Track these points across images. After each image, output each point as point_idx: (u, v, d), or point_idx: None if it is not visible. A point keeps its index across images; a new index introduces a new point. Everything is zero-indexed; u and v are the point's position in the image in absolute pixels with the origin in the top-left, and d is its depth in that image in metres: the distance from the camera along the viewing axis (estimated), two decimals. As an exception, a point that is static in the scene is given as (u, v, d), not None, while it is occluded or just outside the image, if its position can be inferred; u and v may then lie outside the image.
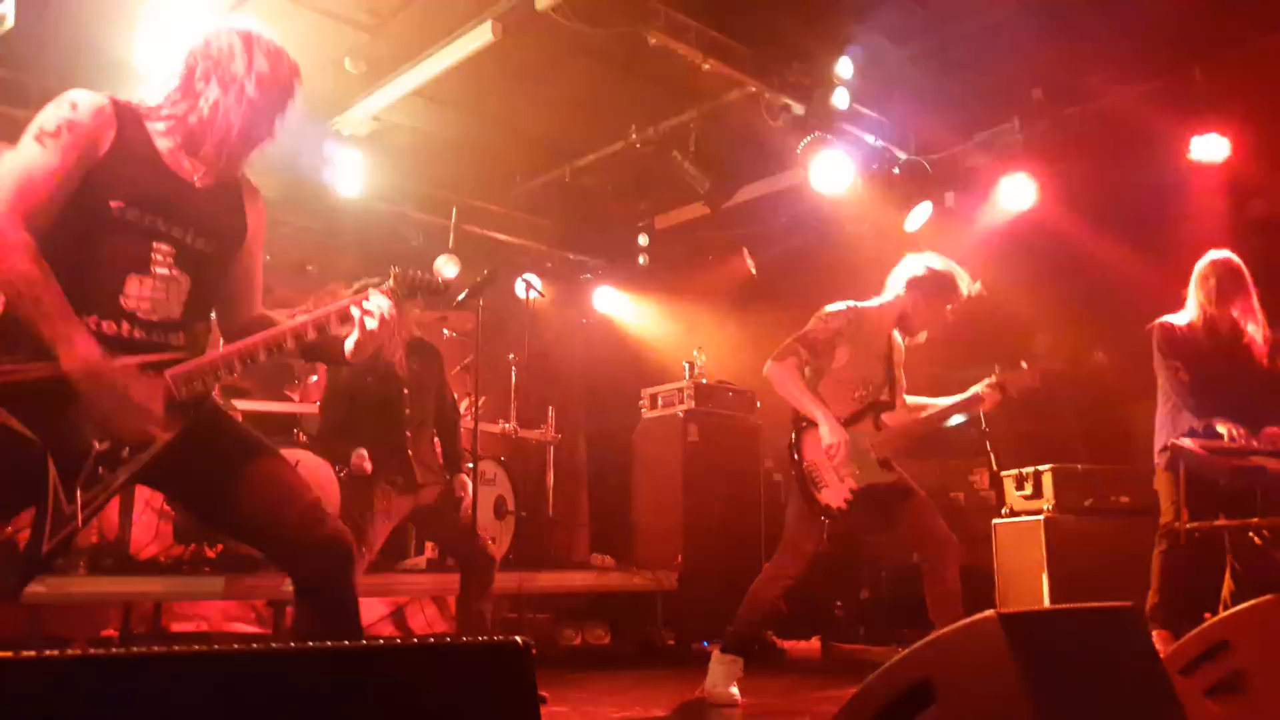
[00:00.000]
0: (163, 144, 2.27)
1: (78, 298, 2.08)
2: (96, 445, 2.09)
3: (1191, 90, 5.31)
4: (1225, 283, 4.18)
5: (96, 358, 2.05)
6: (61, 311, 2.03)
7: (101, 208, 2.14)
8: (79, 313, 2.08)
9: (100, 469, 2.10)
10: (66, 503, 2.04)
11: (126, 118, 2.22)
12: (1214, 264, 4.24)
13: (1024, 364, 4.12)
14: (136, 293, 2.19)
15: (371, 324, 2.33)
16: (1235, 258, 4.23)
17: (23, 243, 2.02)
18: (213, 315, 2.47)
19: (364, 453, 4.19)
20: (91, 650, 1.00)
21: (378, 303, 2.34)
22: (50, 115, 2.12)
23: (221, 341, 2.43)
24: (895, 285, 4.16)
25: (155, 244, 2.22)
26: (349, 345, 2.37)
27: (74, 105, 2.14)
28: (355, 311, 2.33)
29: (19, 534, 2.12)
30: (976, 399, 4.06)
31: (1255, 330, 4.15)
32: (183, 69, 2.28)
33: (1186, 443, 3.91)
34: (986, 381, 4.09)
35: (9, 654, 0.96)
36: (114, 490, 2.17)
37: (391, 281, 2.45)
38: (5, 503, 2.09)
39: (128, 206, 2.16)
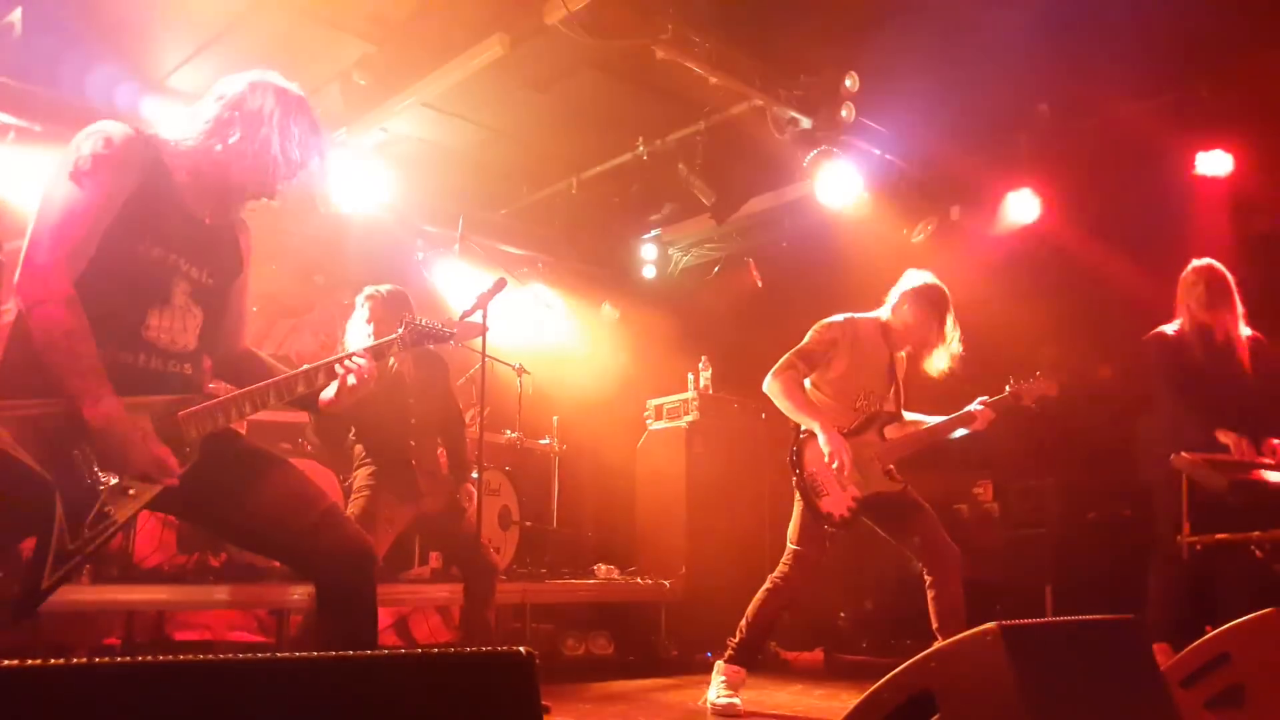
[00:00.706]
0: (180, 179, 2.30)
1: (101, 328, 2.11)
2: (104, 484, 2.11)
3: (1197, 106, 5.33)
4: (1213, 289, 4.19)
5: (119, 416, 2.08)
6: (93, 369, 2.06)
7: (130, 248, 2.18)
8: (101, 343, 2.10)
9: (107, 508, 2.13)
10: (70, 539, 2.06)
11: (151, 153, 2.24)
12: (1199, 270, 4.25)
13: (1038, 374, 4.12)
14: (158, 324, 2.24)
15: (352, 381, 2.42)
16: (1219, 265, 4.25)
17: (66, 295, 2.05)
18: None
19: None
20: (94, 659, 1.00)
21: (358, 362, 2.43)
22: (86, 152, 2.12)
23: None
24: (891, 298, 4.18)
25: (175, 280, 2.28)
26: (326, 395, 2.46)
27: (109, 141, 2.14)
28: (339, 369, 2.42)
29: (19, 545, 2.14)
30: (969, 417, 4.07)
31: (1243, 336, 4.16)
32: (216, 112, 2.30)
33: (1188, 455, 3.91)
34: (980, 400, 4.10)
35: (12, 663, 0.96)
36: (119, 527, 2.19)
37: (402, 330, 2.55)
38: (12, 534, 2.12)
39: (152, 245, 2.21)
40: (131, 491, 2.16)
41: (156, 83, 5.53)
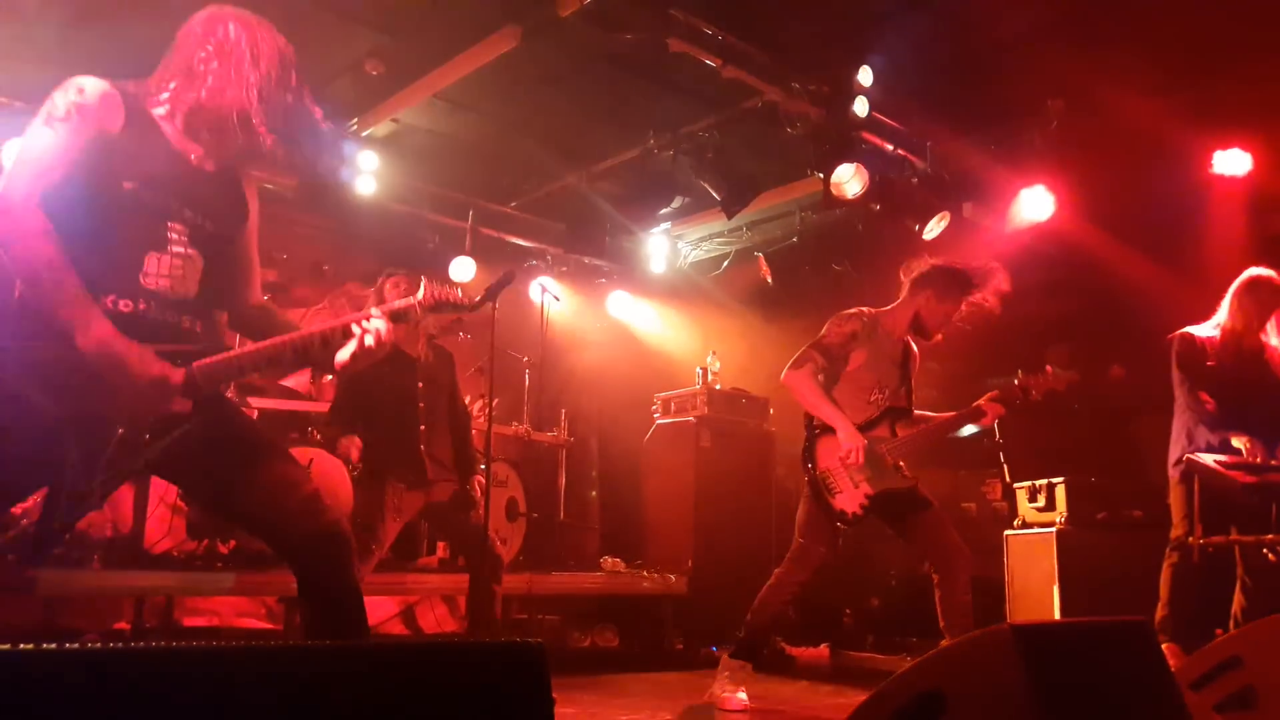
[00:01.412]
0: (167, 127, 2.29)
1: (97, 276, 2.10)
2: (120, 429, 2.10)
3: (1215, 103, 5.28)
4: (1268, 300, 4.15)
5: (112, 338, 2.06)
6: (80, 296, 2.04)
7: (115, 189, 2.15)
8: (98, 291, 2.09)
9: (120, 452, 2.12)
10: (83, 481, 2.06)
11: (132, 101, 2.23)
12: (1261, 280, 4.20)
13: (1049, 367, 4.10)
14: (155, 270, 2.21)
15: (370, 341, 2.37)
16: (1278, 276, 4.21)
17: (42, 227, 2.04)
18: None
19: (356, 440, 4.22)
20: (104, 644, 1.01)
21: (377, 324, 2.38)
22: (58, 100, 2.13)
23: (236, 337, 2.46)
24: (906, 288, 4.16)
25: (170, 223, 2.24)
26: (342, 356, 2.40)
27: (80, 90, 2.15)
28: (356, 329, 2.37)
29: (31, 523, 2.14)
30: (977, 412, 4.05)
31: (1275, 345, 4.13)
32: (183, 51, 2.29)
33: (1202, 457, 3.89)
34: (987, 396, 4.08)
35: (25, 646, 0.97)
36: (129, 473, 2.18)
37: (421, 294, 2.50)
38: (24, 475, 2.11)
39: (141, 187, 2.18)
40: (146, 437, 2.15)
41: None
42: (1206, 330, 4.26)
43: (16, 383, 2.00)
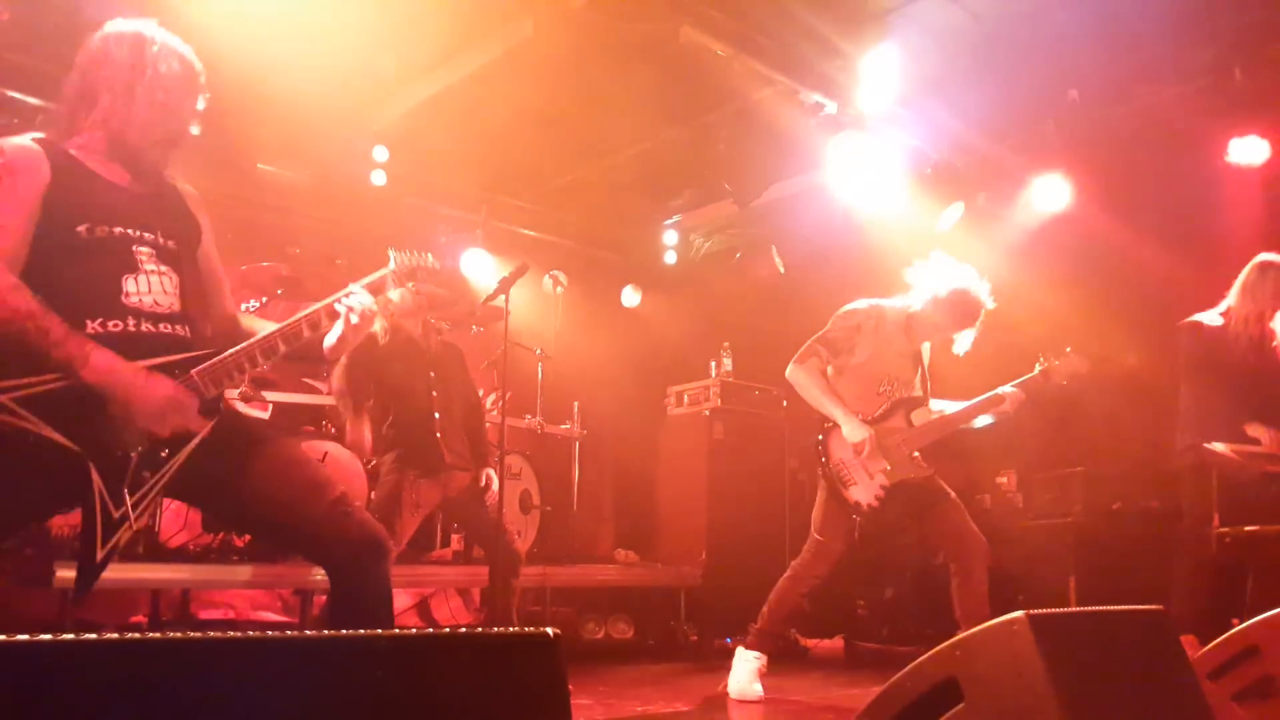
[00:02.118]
0: (91, 162, 2.29)
1: (80, 308, 2.12)
2: (137, 449, 2.12)
3: (1231, 91, 5.23)
4: (1277, 286, 4.12)
5: (116, 363, 2.09)
6: (69, 334, 2.07)
7: (70, 235, 2.18)
8: (83, 319, 2.12)
9: (144, 472, 2.14)
10: (115, 508, 2.08)
11: (52, 149, 2.25)
12: (1270, 266, 4.16)
13: (1069, 351, 4.08)
14: (135, 289, 2.23)
15: (355, 320, 2.38)
16: None
17: (11, 283, 2.06)
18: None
19: (363, 429, 4.23)
20: (122, 634, 1.01)
21: (360, 299, 2.39)
22: None
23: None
24: (919, 289, 4.13)
25: (134, 248, 2.26)
26: (330, 340, 2.42)
27: (1, 151, 2.17)
28: (340, 308, 2.38)
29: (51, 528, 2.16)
30: (999, 399, 4.03)
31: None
32: (82, 84, 2.30)
33: (1219, 447, 3.86)
34: (1016, 382, 4.06)
35: (43, 636, 0.97)
36: (159, 490, 2.20)
37: (393, 265, 2.49)
38: (50, 508, 2.13)
39: (93, 226, 2.20)
40: (164, 453, 2.17)
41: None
42: (1214, 317, 4.23)
43: (27, 421, 2.02)
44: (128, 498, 2.10)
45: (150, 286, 2.25)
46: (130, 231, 2.26)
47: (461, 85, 5.82)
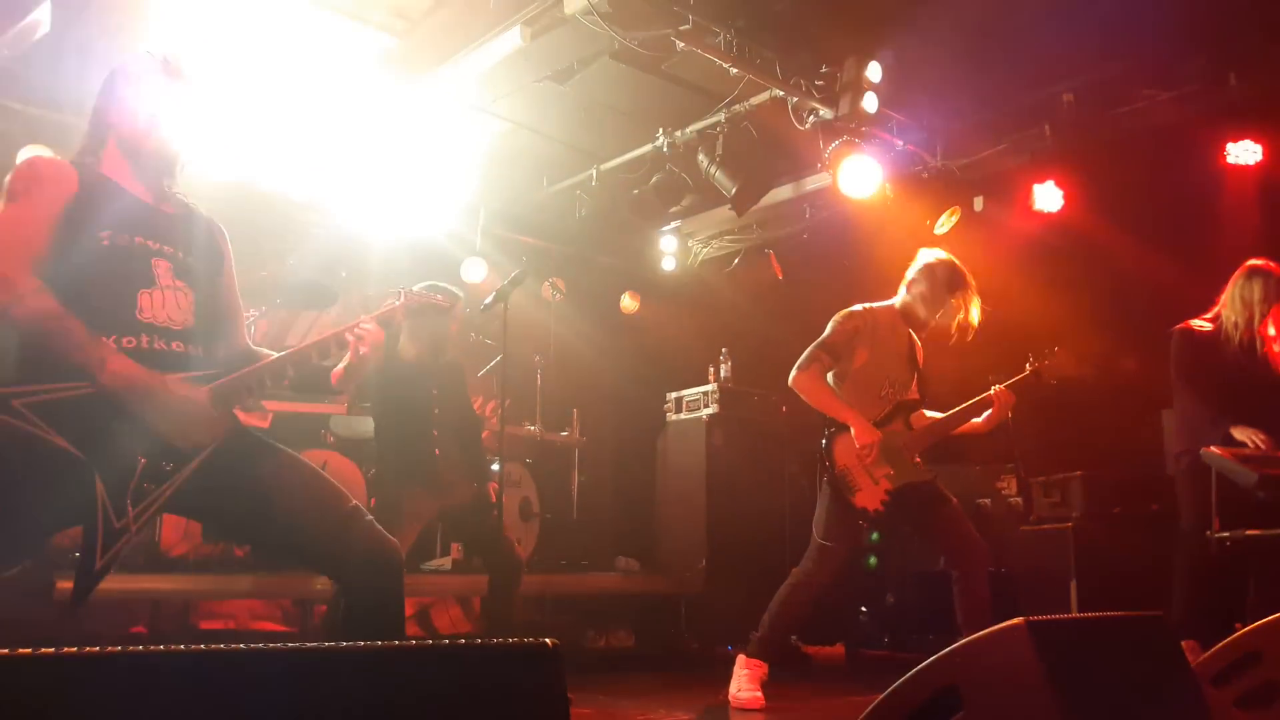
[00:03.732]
0: (119, 179, 2.37)
1: (95, 322, 2.16)
2: (141, 460, 2.13)
3: (1226, 94, 5.25)
4: (1268, 292, 4.13)
5: (133, 369, 2.13)
6: (90, 338, 2.12)
7: (93, 244, 2.23)
8: (100, 334, 2.16)
9: (146, 484, 2.15)
10: (116, 518, 2.09)
11: (82, 165, 2.33)
12: (1259, 271, 4.18)
13: (1057, 350, 4.08)
14: (150, 305, 2.27)
15: (363, 350, 2.42)
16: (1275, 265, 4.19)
17: (35, 286, 2.12)
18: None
19: None
20: (122, 647, 1.01)
21: (367, 329, 2.45)
22: (13, 177, 2.24)
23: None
24: (905, 280, 4.16)
25: (154, 260, 2.31)
26: (337, 369, 2.49)
27: (30, 163, 2.26)
28: (350, 338, 2.43)
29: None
30: (985, 402, 4.03)
31: (1274, 336, 4.11)
32: (101, 107, 2.41)
33: (1217, 450, 3.87)
34: (1007, 383, 4.06)
35: (43, 650, 0.97)
36: (162, 504, 2.21)
37: (401, 299, 2.55)
38: (56, 520, 2.14)
39: (115, 234, 2.26)
40: (168, 466, 2.18)
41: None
42: (1204, 323, 4.24)
43: (35, 426, 2.04)
44: (130, 509, 2.11)
45: (165, 302, 2.29)
46: (150, 243, 2.31)
47: (458, 92, 5.83)
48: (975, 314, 4.01)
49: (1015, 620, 1.51)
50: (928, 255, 4.13)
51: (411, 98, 5.82)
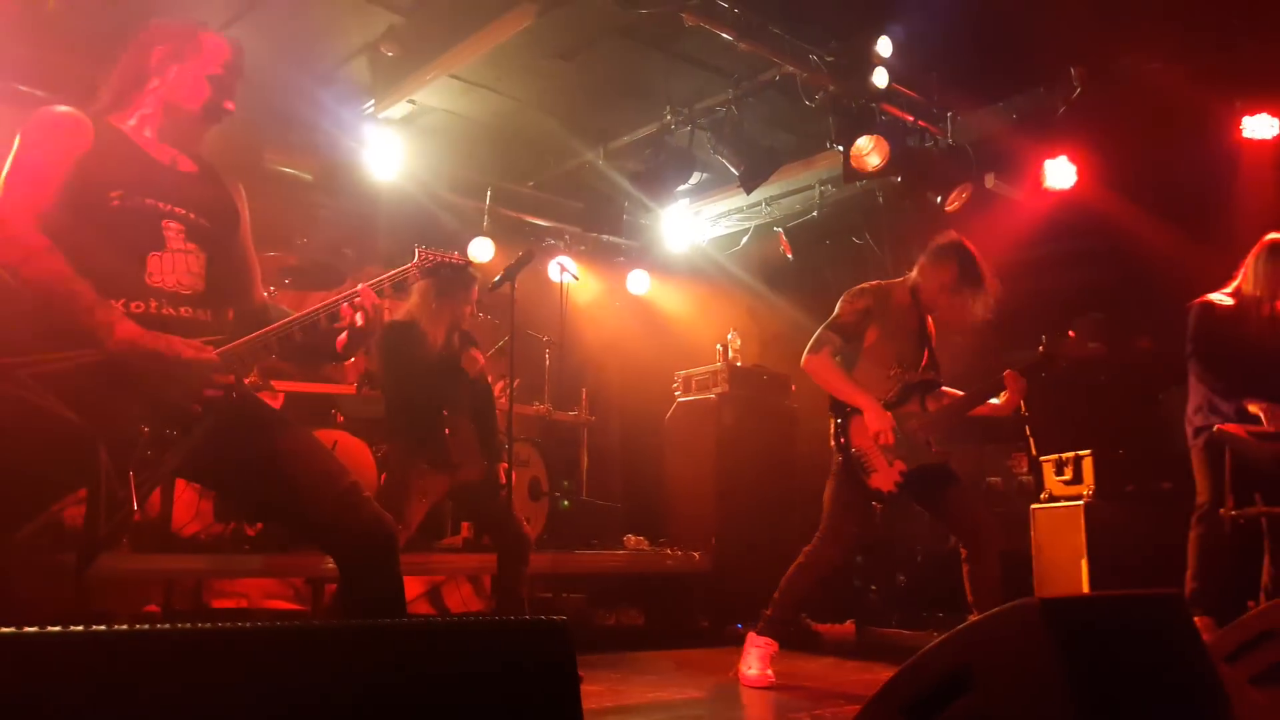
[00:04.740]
0: (138, 137, 2.37)
1: (103, 285, 2.14)
2: (145, 429, 2.13)
3: (1241, 66, 5.19)
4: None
5: (139, 332, 2.11)
6: (97, 302, 2.10)
7: (103, 202, 2.21)
8: (107, 298, 2.14)
9: (149, 452, 2.14)
10: (120, 487, 2.09)
11: (98, 119, 2.32)
12: (1274, 243, 4.14)
13: (1071, 332, 4.05)
14: (159, 269, 2.26)
15: (359, 320, 2.42)
16: None
17: (44, 244, 2.10)
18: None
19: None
20: (135, 625, 1.01)
21: (369, 298, 2.43)
22: (27, 128, 2.22)
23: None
24: (921, 262, 4.13)
25: (164, 222, 2.29)
26: (342, 338, 2.47)
27: (46, 111, 2.25)
28: (350, 305, 2.43)
29: (63, 512, 2.17)
30: (996, 385, 4.00)
31: None
32: (132, 65, 2.41)
33: (1231, 426, 3.84)
34: (1020, 367, 4.03)
35: (57, 628, 0.97)
36: (164, 473, 2.21)
37: (416, 258, 2.53)
38: (57, 486, 2.14)
39: (126, 194, 2.24)
40: (172, 434, 2.18)
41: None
42: (1224, 297, 4.21)
43: (38, 396, 2.03)
44: (132, 478, 2.11)
45: (174, 266, 2.28)
46: (162, 205, 2.29)
47: (465, 72, 5.80)
48: (987, 307, 3.96)
49: (1028, 599, 1.49)
50: (949, 241, 4.07)
51: (417, 77, 5.80)
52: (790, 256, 7.26)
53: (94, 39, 4.97)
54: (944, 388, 4.16)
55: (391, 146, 6.25)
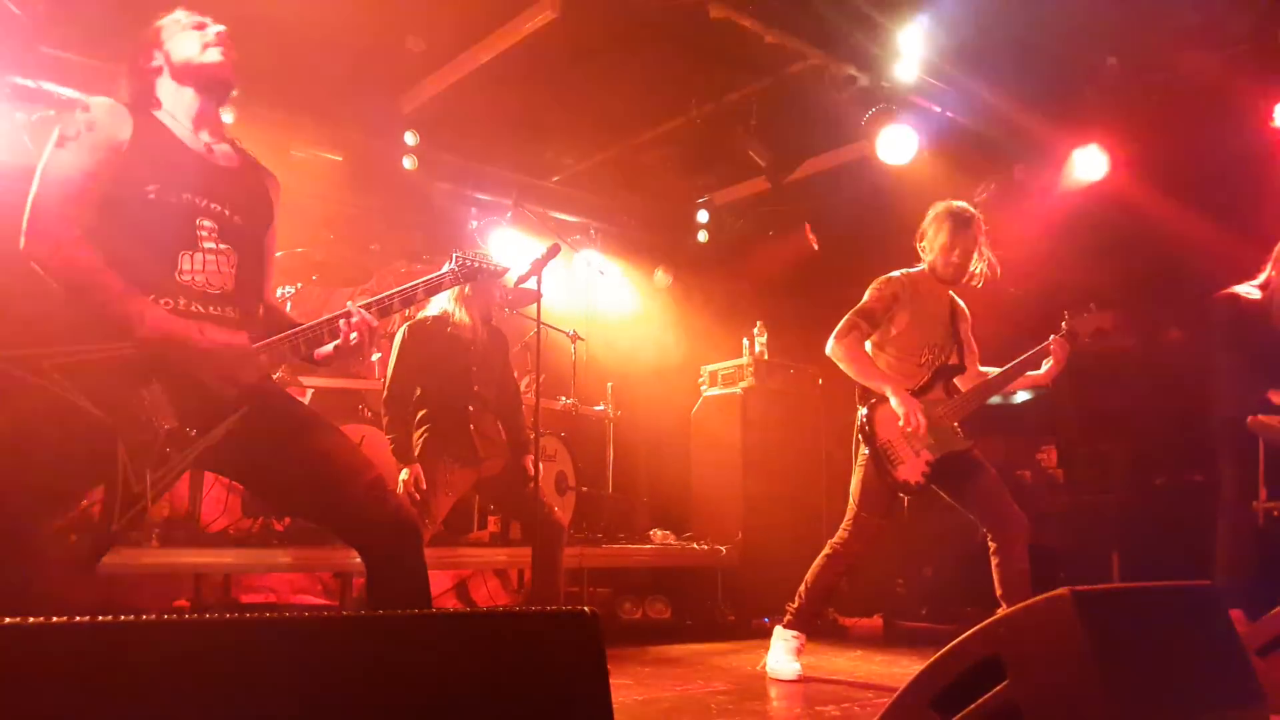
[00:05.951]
0: (176, 128, 2.38)
1: (133, 279, 2.15)
2: (165, 426, 2.14)
3: (1275, 53, 5.10)
4: None
5: (171, 320, 2.13)
6: (127, 292, 2.12)
7: (139, 195, 2.22)
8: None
9: (168, 449, 2.16)
10: (135, 482, 2.11)
11: (139, 112, 2.33)
12: None
13: (1092, 306, 4.01)
14: (190, 267, 2.26)
15: (354, 337, 2.41)
16: None
17: (76, 238, 2.12)
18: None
19: (417, 470, 4.22)
20: (166, 616, 1.02)
21: (359, 319, 2.42)
22: (68, 121, 2.23)
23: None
24: (919, 244, 4.11)
25: (198, 220, 2.30)
26: (323, 350, 2.48)
27: (87, 108, 2.25)
28: (343, 325, 2.42)
29: (93, 507, 2.19)
30: (1043, 351, 3.96)
31: None
32: (145, 52, 2.43)
33: (1264, 418, 3.79)
34: (1054, 336, 3.98)
35: (88, 618, 0.98)
36: (181, 470, 2.23)
37: (454, 263, 2.54)
38: (78, 480, 2.16)
39: (163, 189, 2.25)
40: (192, 432, 2.19)
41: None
42: (1252, 289, 4.15)
43: (60, 388, 2.05)
44: (149, 474, 2.12)
45: (205, 265, 2.28)
46: (198, 201, 2.30)
47: (490, 67, 5.81)
48: (993, 264, 3.96)
49: (1060, 590, 1.48)
50: (933, 208, 4.09)
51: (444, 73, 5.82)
52: (817, 248, 7.22)
53: (110, 35, 5.03)
54: (981, 368, 4.12)
55: (417, 142, 6.27)
